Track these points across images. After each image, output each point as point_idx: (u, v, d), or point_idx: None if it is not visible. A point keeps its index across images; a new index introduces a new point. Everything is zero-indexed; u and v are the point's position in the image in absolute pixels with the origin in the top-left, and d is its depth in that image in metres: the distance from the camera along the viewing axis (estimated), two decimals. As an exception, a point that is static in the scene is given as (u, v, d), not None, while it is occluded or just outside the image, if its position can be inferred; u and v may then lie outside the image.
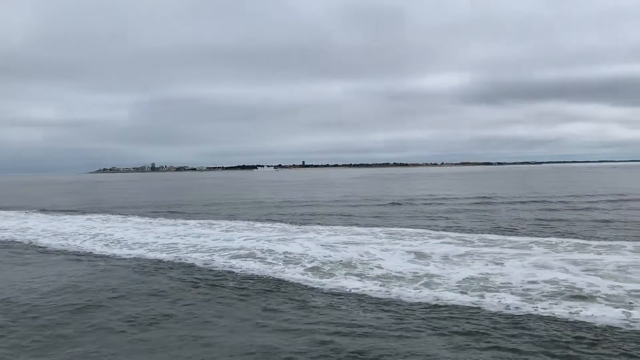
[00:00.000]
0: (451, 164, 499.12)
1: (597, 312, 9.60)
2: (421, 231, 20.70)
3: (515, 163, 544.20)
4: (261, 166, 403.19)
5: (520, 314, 9.78)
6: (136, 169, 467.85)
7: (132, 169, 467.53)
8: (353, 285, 12.20)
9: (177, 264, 15.35)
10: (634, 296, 10.50)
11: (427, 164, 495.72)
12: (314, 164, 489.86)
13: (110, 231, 23.11)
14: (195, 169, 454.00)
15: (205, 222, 25.68)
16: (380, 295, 11.35)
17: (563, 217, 26.85)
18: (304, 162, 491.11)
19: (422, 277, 12.86)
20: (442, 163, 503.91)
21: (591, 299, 10.49)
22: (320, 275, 13.34)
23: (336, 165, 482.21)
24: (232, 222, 25.54)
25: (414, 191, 55.67)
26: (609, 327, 8.90)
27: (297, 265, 14.32)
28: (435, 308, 10.37)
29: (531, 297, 10.83)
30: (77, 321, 10.00)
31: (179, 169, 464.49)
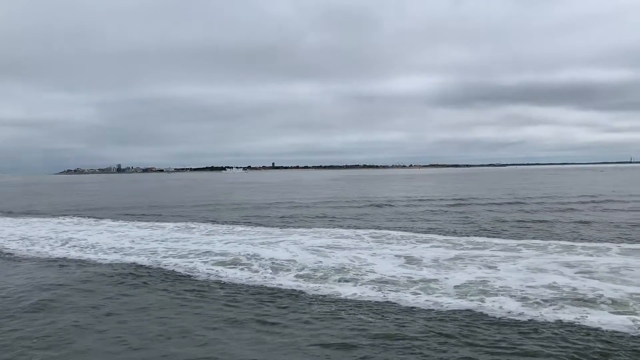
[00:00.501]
0: (420, 165, 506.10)
1: (602, 318, 9.35)
2: (407, 234, 20.36)
3: (482, 165, 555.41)
4: (230, 167, 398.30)
5: (525, 319, 9.50)
6: (102, 170, 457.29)
7: (97, 170, 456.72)
8: (349, 292, 11.75)
9: (157, 271, 14.44)
10: (636, 300, 10.34)
11: (396, 166, 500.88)
12: (283, 166, 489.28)
13: (83, 235, 22.01)
14: (162, 171, 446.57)
15: (182, 226, 24.76)
16: (378, 300, 11.01)
17: (542, 218, 27.05)
18: (273, 163, 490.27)
19: (417, 282, 12.51)
20: (410, 165, 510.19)
21: (594, 304, 10.26)
22: (313, 281, 12.80)
23: (306, 167, 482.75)
24: (211, 226, 24.70)
25: (390, 192, 55.67)
26: (617, 334, 8.65)
27: (288, 272, 13.69)
28: (437, 314, 10.06)
29: (532, 302, 10.58)
30: (46, 338, 9.04)
31: (145, 170, 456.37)
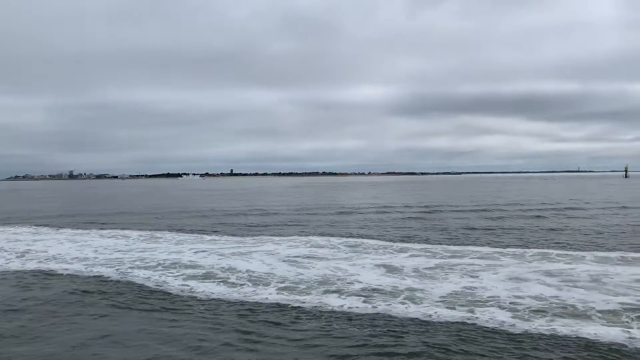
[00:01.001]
0: (378, 173, 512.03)
1: (597, 330, 9.16)
2: (382, 243, 20.08)
3: (438, 173, 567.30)
4: (187, 174, 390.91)
5: (518, 332, 9.28)
6: (52, 177, 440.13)
7: (48, 177, 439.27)
8: (336, 303, 11.32)
9: (127, 286, 13.38)
10: (627, 311, 10.25)
11: (354, 173, 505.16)
12: (242, 173, 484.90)
13: (41, 246, 20.56)
14: (117, 177, 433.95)
15: (147, 235, 23.66)
16: (368, 312, 10.68)
17: (511, 225, 27.39)
18: (232, 170, 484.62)
19: (403, 291, 12.25)
20: (369, 172, 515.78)
21: (586, 316, 10.09)
22: (296, 294, 12.21)
23: (265, 174, 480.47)
24: (177, 235, 23.71)
25: (356, 200, 55.58)
26: (614, 346, 8.49)
27: (268, 286, 13.00)
28: (430, 326, 9.77)
29: (523, 313, 10.38)
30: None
31: (99, 176, 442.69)
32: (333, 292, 12.33)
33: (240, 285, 13.15)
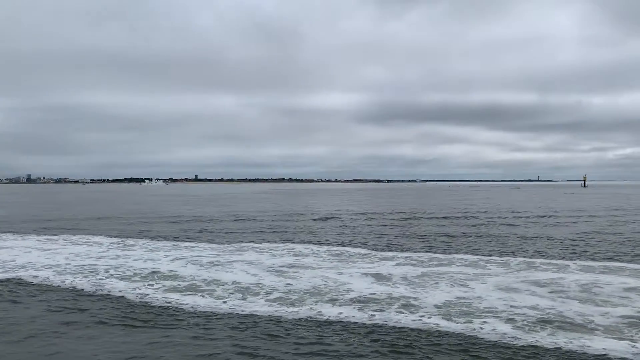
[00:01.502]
0: (344, 180, 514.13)
1: (603, 345, 8.87)
2: (365, 251, 19.78)
3: (403, 181, 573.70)
4: (150, 179, 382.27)
5: (522, 344, 9.01)
6: (9, 181, 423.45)
7: (4, 180, 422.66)
8: (331, 313, 10.95)
9: (104, 298, 12.46)
10: (627, 324, 10.04)
11: (321, 180, 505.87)
12: (207, 178, 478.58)
13: (7, 255, 19.20)
14: (77, 182, 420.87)
15: (120, 242, 22.69)
16: (365, 322, 10.34)
17: (487, 232, 27.58)
18: (196, 175, 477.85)
19: (397, 300, 12.01)
20: (335, 179, 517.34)
21: (586, 328, 9.87)
22: (288, 305, 11.71)
23: (231, 180, 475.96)
24: (152, 242, 22.82)
25: (330, 206, 55.27)
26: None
27: (257, 297, 12.43)
28: (431, 336, 9.50)
29: (522, 325, 10.09)
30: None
31: (59, 180, 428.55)
32: (326, 302, 11.91)
33: (228, 297, 12.49)
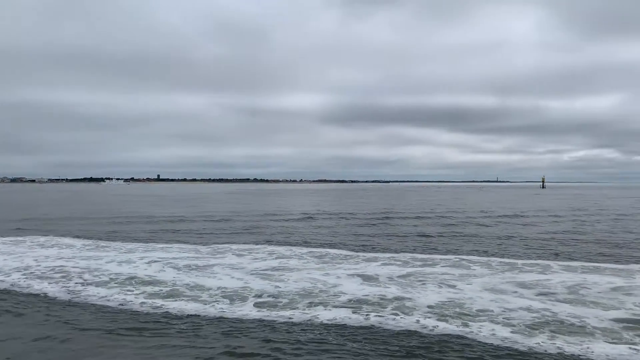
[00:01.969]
0: (310, 181, 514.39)
1: (605, 350, 8.72)
2: (347, 252, 19.53)
3: (367, 181, 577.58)
4: (110, 179, 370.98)
5: (524, 349, 8.79)
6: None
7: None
8: (326, 316, 10.65)
9: (82, 306, 11.74)
10: (624, 328, 9.92)
11: (286, 180, 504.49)
12: (170, 178, 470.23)
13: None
14: (34, 181, 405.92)
15: (91, 243, 21.73)
16: (362, 324, 10.12)
17: (462, 232, 27.83)
18: (159, 175, 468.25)
19: (390, 302, 11.78)
20: (301, 180, 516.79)
21: (585, 332, 9.69)
22: (280, 308, 11.34)
23: (194, 180, 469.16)
24: (125, 243, 21.95)
25: (302, 206, 54.83)
26: None
27: (246, 301, 11.99)
28: (430, 339, 9.27)
29: (520, 328, 9.89)
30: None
31: (14, 180, 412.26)
32: (319, 304, 11.60)
33: (215, 301, 11.98)
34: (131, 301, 11.91)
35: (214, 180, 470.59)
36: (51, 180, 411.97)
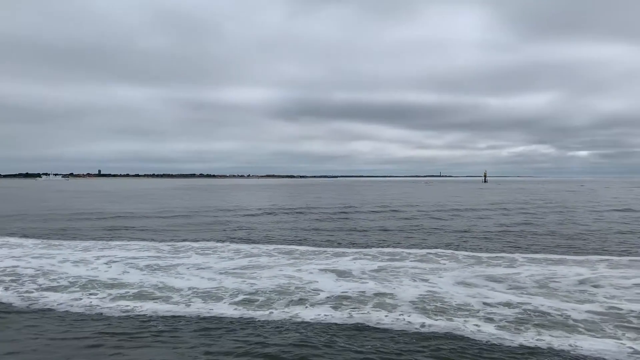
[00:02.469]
0: (257, 176, 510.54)
1: (591, 345, 8.66)
2: (313, 248, 19.26)
3: (315, 176, 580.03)
4: (47, 174, 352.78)
5: (515, 346, 8.60)
6: None
7: None
8: (308, 315, 10.31)
9: (42, 313, 10.81)
10: (603, 321, 9.96)
11: (233, 176, 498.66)
12: (112, 174, 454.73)
13: None
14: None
15: (41, 243, 20.36)
16: (346, 322, 9.83)
17: (419, 225, 28.21)
18: (100, 170, 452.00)
19: (371, 298, 11.57)
20: (248, 175, 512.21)
21: (567, 326, 9.64)
22: (257, 307, 10.92)
23: (137, 175, 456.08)
24: (78, 242, 20.74)
25: (257, 202, 53.94)
26: None
27: (221, 301, 11.48)
28: (418, 336, 9.07)
29: (503, 323, 9.78)
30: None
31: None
32: (297, 302, 11.28)
33: (189, 302, 11.40)
34: (98, 305, 11.10)
35: (158, 176, 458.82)
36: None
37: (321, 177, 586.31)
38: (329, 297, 11.66)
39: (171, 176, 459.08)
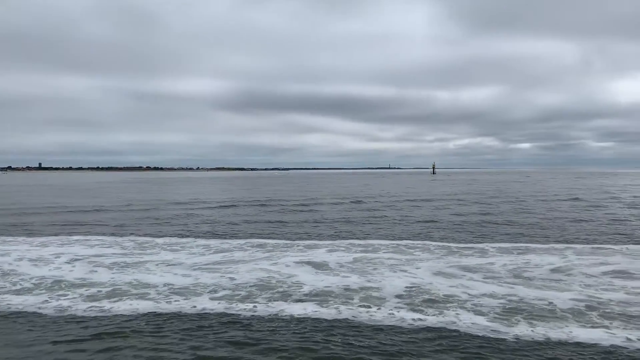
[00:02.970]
0: (207, 168, 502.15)
1: (587, 334, 8.68)
2: (284, 241, 18.96)
3: (267, 169, 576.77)
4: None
5: (511, 339, 8.45)
6: None
7: None
8: (295, 310, 10.02)
9: (7, 318, 9.96)
10: (587, 309, 10.09)
11: (182, 168, 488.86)
12: (53, 167, 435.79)
13: None
14: None
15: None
16: (336, 318, 9.59)
17: (384, 216, 28.43)
18: (40, 164, 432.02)
19: (356, 292, 11.36)
20: (197, 168, 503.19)
21: (556, 316, 9.67)
22: (239, 301, 10.58)
23: (81, 168, 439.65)
24: (33, 238, 19.61)
25: (215, 194, 52.73)
26: (613, 350, 8.05)
27: (201, 296, 11.08)
28: (413, 332, 8.84)
29: (493, 315, 9.71)
30: None
31: None
32: (280, 296, 11.01)
33: (168, 299, 10.91)
34: (70, 306, 10.38)
35: (103, 169, 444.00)
36: None
37: (273, 169, 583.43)
38: (312, 291, 11.42)
39: (117, 169, 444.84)
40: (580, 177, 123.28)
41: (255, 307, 10.21)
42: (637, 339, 8.35)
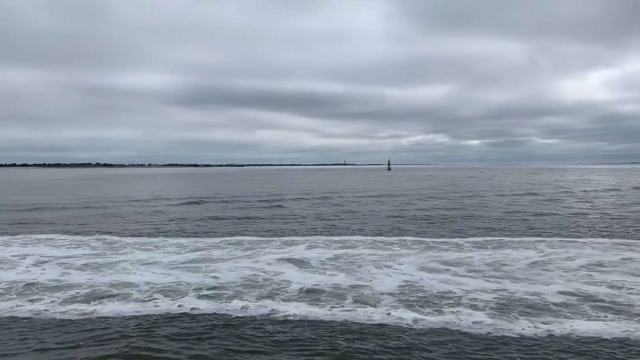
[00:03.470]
0: (159, 165, 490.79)
1: (590, 326, 8.73)
2: (259, 238, 18.62)
3: (222, 165, 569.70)
4: None
5: (514, 335, 8.36)
6: None
7: None
8: (288, 310, 9.69)
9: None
10: (579, 301, 10.20)
11: (133, 165, 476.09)
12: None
13: None
14: None
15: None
16: (334, 319, 9.25)
17: (353, 210, 28.54)
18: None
19: (348, 290, 11.11)
20: (149, 164, 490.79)
21: (551, 310, 9.69)
22: (226, 301, 10.22)
23: (25, 165, 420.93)
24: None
25: (177, 191, 51.20)
26: (619, 341, 8.11)
27: (186, 296, 10.64)
28: (416, 333, 8.57)
29: (490, 312, 9.59)
30: None
31: None
32: (270, 295, 10.70)
33: (153, 299, 10.45)
34: (47, 310, 9.75)
35: (49, 166, 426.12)
36: None
37: (227, 165, 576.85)
38: (301, 290, 11.14)
39: (64, 166, 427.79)
40: (531, 173, 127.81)
41: (245, 306, 9.86)
42: (635, 329, 8.54)
